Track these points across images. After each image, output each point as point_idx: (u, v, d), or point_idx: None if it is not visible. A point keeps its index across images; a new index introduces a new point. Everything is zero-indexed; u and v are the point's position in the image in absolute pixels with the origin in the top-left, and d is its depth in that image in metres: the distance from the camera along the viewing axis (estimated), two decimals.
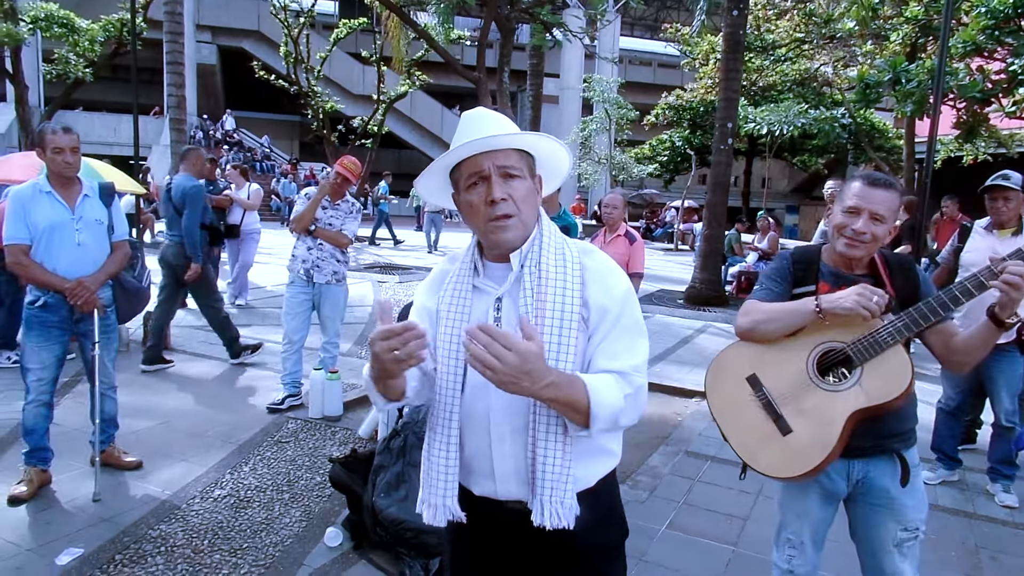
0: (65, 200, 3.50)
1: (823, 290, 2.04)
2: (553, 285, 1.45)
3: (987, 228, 3.98)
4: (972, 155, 14.42)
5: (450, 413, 1.47)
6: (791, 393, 2.01)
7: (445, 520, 1.49)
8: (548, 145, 1.54)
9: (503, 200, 1.44)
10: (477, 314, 1.50)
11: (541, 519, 1.41)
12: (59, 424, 4.09)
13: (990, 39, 9.34)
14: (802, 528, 2.19)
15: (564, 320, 1.42)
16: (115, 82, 27.58)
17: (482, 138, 1.44)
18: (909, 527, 2.04)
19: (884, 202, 1.98)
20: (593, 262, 1.52)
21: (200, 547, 3.10)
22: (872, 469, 2.05)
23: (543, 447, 1.41)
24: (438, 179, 1.59)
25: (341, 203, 4.99)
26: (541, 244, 1.50)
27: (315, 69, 19.49)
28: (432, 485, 1.49)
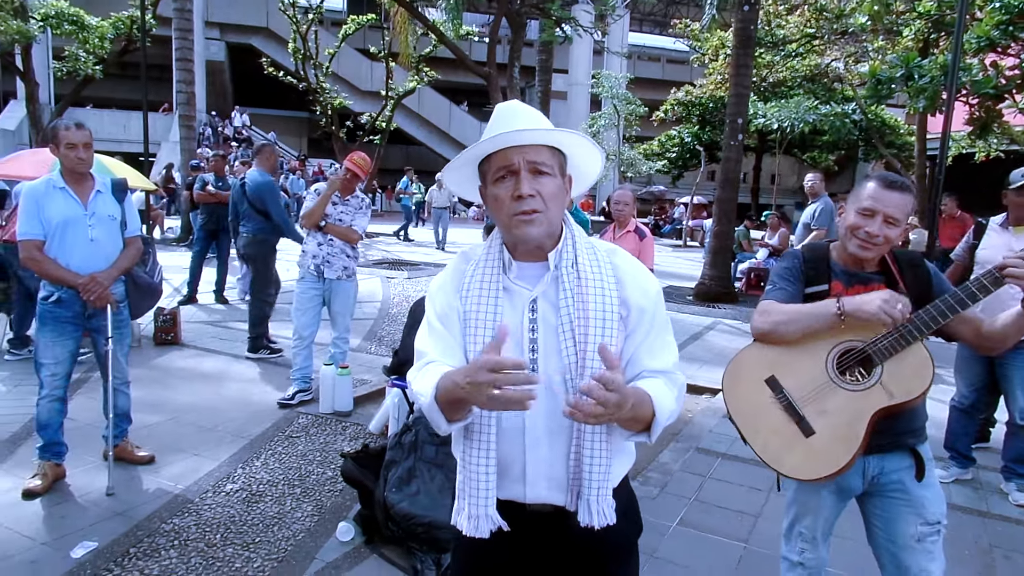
0: (78, 196, 3.52)
1: (836, 288, 2.04)
2: (593, 286, 1.43)
3: (1002, 225, 3.94)
4: (984, 152, 14.32)
5: (487, 421, 1.42)
6: (812, 394, 1.99)
7: (488, 531, 1.44)
8: (581, 145, 1.50)
9: (530, 196, 1.40)
10: (509, 316, 1.45)
11: (589, 519, 1.41)
12: (72, 419, 4.11)
13: (1004, 34, 9.24)
14: (816, 523, 2.19)
15: (606, 322, 1.41)
16: (124, 79, 27.66)
17: (512, 131, 1.41)
18: (930, 520, 2.03)
19: (899, 205, 1.97)
20: (622, 261, 1.51)
21: (213, 541, 3.12)
22: (887, 464, 2.05)
23: (589, 450, 1.41)
24: (466, 171, 1.55)
25: (351, 199, 4.99)
26: (575, 244, 1.48)
27: (323, 65, 19.51)
28: (472, 496, 1.44)
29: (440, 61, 21.00)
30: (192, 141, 14.77)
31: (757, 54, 15.60)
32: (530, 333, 1.44)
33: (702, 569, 3.07)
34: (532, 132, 1.42)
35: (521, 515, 1.47)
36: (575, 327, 1.40)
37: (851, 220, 2.03)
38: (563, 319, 1.41)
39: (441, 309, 1.51)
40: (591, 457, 1.41)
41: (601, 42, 19.83)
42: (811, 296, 2.06)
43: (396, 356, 4.35)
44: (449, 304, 1.50)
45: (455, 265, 1.58)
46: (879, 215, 1.96)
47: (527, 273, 1.48)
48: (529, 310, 1.45)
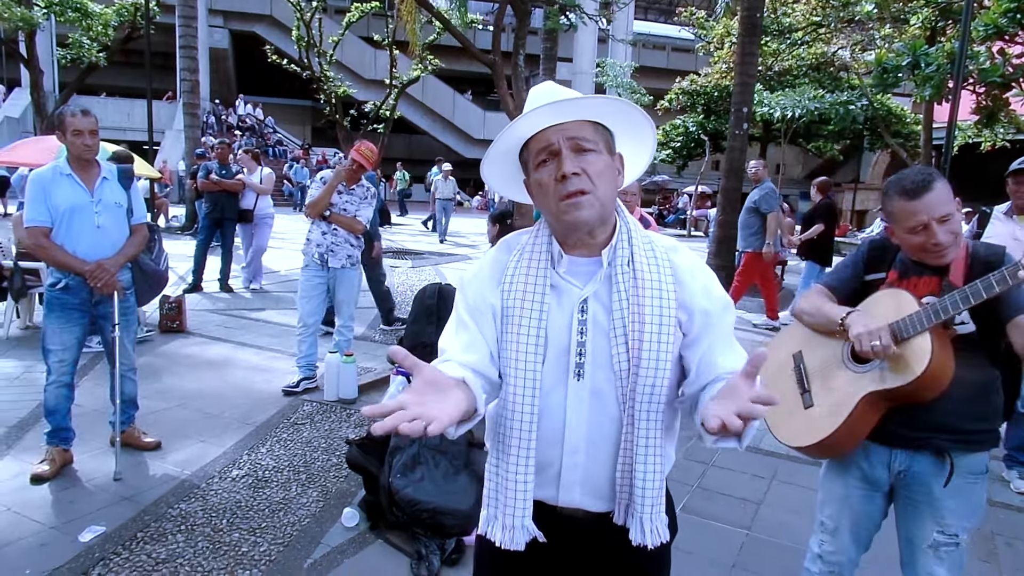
0: (84, 183, 3.53)
1: (891, 277, 2.02)
2: (650, 287, 1.31)
3: (1007, 213, 3.93)
4: (991, 141, 14.22)
5: (529, 426, 1.32)
6: (823, 371, 2.08)
7: (524, 543, 1.34)
8: (628, 115, 1.35)
9: (575, 175, 1.27)
10: (556, 316, 1.33)
11: (642, 538, 1.33)
12: (80, 405, 4.14)
13: (1012, 22, 9.16)
14: (840, 514, 2.12)
15: (663, 328, 1.30)
16: (128, 67, 27.66)
17: (546, 104, 1.28)
18: (947, 531, 1.95)
19: (936, 202, 1.87)
20: (683, 260, 1.39)
21: (219, 526, 3.15)
22: (915, 463, 1.97)
23: (643, 464, 1.31)
24: (505, 164, 1.43)
25: (356, 188, 5.00)
26: (631, 240, 1.35)
27: (327, 53, 19.44)
28: (506, 504, 1.34)
29: (444, 49, 20.89)
30: (196, 129, 14.77)
31: (763, 42, 15.50)
32: (578, 336, 1.32)
33: (704, 555, 3.10)
34: (568, 103, 1.29)
35: (551, 517, 1.38)
36: (629, 332, 1.29)
37: (908, 241, 1.93)
38: (616, 323, 1.30)
39: (473, 301, 1.40)
40: (644, 472, 1.31)
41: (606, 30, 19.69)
42: (869, 283, 2.07)
43: (401, 344, 4.37)
44: (483, 297, 1.38)
45: (494, 256, 1.44)
46: (932, 223, 1.87)
47: (578, 269, 1.35)
48: (579, 311, 1.32)
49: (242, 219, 8.58)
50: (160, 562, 2.85)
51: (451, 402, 1.13)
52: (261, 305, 8.02)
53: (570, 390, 1.32)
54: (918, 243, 1.91)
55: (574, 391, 1.32)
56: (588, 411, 1.32)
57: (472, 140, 32.56)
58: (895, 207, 1.94)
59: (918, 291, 1.94)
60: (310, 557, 2.96)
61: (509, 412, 1.33)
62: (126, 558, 2.87)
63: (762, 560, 3.09)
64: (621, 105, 1.34)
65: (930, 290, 1.95)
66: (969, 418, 1.92)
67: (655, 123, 1.43)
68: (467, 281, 1.44)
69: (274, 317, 7.43)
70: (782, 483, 3.87)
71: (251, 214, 8.60)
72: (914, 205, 1.88)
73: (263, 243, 8.89)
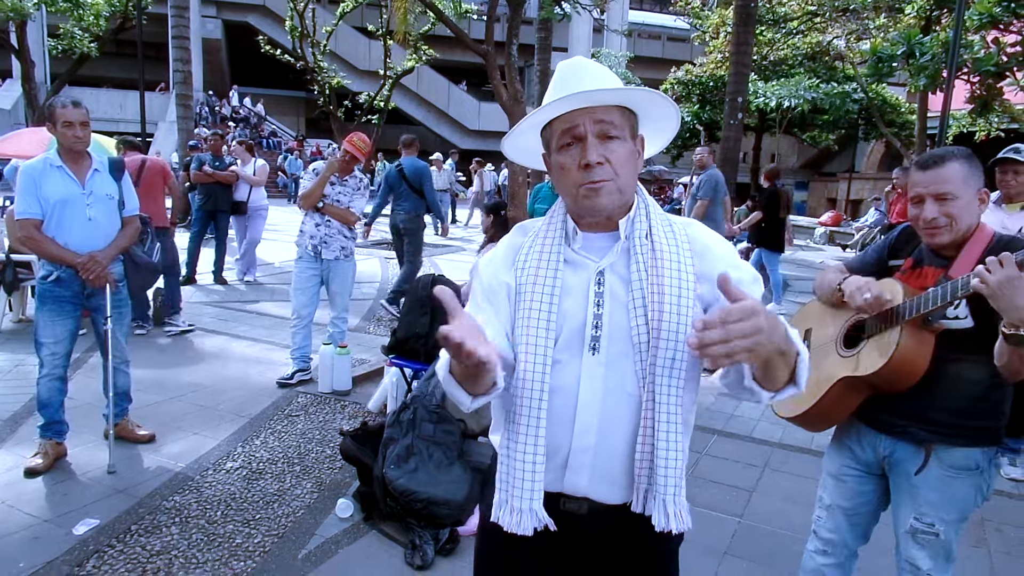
0: (76, 175, 3.51)
1: (906, 265, 2.03)
2: (669, 259, 1.29)
3: (996, 203, 3.94)
4: (985, 131, 14.24)
5: (538, 405, 1.28)
6: (819, 349, 2.13)
7: (532, 528, 1.29)
8: (654, 101, 1.33)
9: (599, 164, 1.26)
10: (572, 289, 1.31)
11: (666, 523, 1.28)
12: (73, 398, 4.13)
13: (1006, 11, 9.18)
14: (835, 491, 2.16)
15: (682, 299, 1.27)
16: (120, 58, 27.48)
17: (577, 92, 1.25)
18: (923, 520, 1.96)
19: (941, 179, 1.84)
20: (699, 233, 1.37)
21: (214, 518, 3.16)
22: (898, 450, 2.00)
23: (665, 443, 1.27)
24: (528, 138, 1.42)
25: (349, 179, 4.99)
26: (648, 215, 1.34)
27: (321, 44, 19.37)
28: (515, 487, 1.31)
29: (439, 40, 20.81)
30: (189, 121, 14.70)
31: (758, 32, 15.47)
32: (595, 308, 1.29)
33: (697, 543, 3.11)
34: (599, 92, 1.26)
35: (554, 511, 1.33)
36: (648, 304, 1.26)
37: (911, 214, 1.94)
38: (635, 294, 1.27)
39: (488, 283, 1.38)
40: (667, 451, 1.26)
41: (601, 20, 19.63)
42: (891, 268, 2.08)
43: (395, 335, 4.37)
44: (497, 278, 1.37)
45: (509, 239, 1.44)
46: (928, 198, 1.86)
47: (594, 244, 1.34)
48: (595, 283, 1.30)
49: (236, 211, 8.53)
50: (154, 554, 2.86)
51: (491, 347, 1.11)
52: (255, 297, 8.01)
53: (584, 364, 1.28)
54: (913, 216, 1.93)
55: (589, 365, 1.28)
56: (603, 387, 1.28)
57: (468, 131, 32.48)
58: (909, 178, 1.98)
59: (923, 281, 1.93)
60: (304, 548, 2.97)
61: (519, 390, 1.29)
62: (120, 551, 2.87)
63: (754, 547, 3.11)
64: (648, 94, 1.31)
65: (931, 281, 1.92)
66: (954, 412, 1.88)
67: None
68: (483, 265, 1.43)
69: (268, 309, 7.42)
70: (774, 471, 3.89)
71: (245, 206, 8.56)
72: (918, 176, 1.90)
73: (257, 235, 8.86)
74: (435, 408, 3.35)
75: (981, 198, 1.88)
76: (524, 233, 1.42)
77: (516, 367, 1.31)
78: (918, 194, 1.89)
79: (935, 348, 1.86)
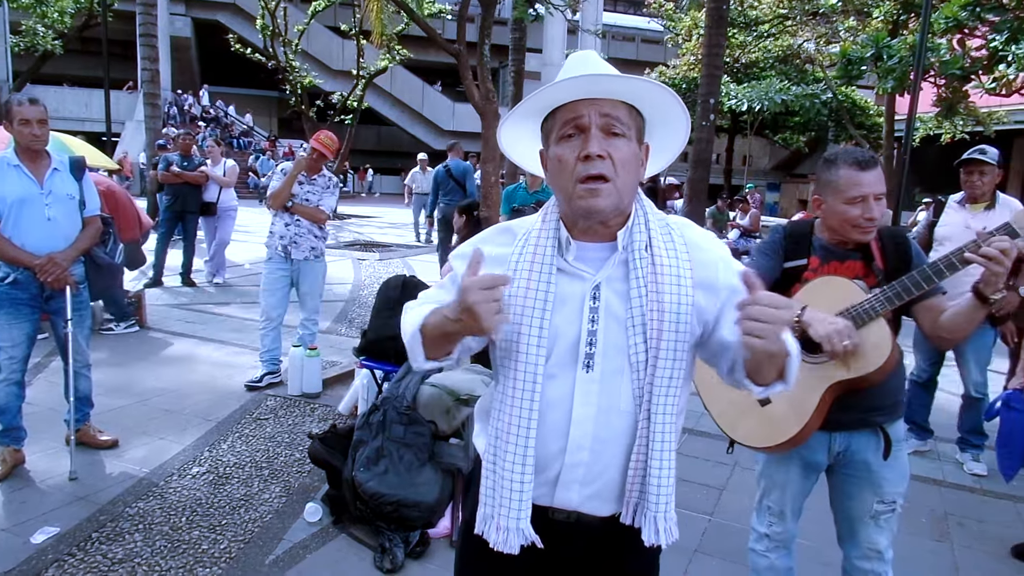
0: (34, 174, 3.42)
1: (813, 264, 2.04)
2: (669, 274, 1.24)
3: (960, 203, 4.01)
4: (950, 133, 14.55)
5: (528, 422, 1.24)
6: None
7: (519, 546, 1.26)
8: (668, 106, 1.27)
9: (599, 158, 1.19)
10: (565, 302, 1.25)
11: (656, 538, 1.28)
12: (33, 404, 4.04)
13: (972, 16, 9.38)
14: (783, 498, 2.20)
15: (681, 315, 1.23)
16: (86, 55, 26.91)
17: (585, 75, 1.19)
18: (886, 500, 2.05)
19: (880, 180, 1.94)
20: (697, 237, 1.32)
21: (178, 524, 3.09)
22: (854, 442, 2.05)
23: (658, 461, 1.25)
24: (527, 126, 1.34)
25: (318, 178, 4.93)
26: (647, 222, 1.28)
27: (293, 43, 19.15)
28: (502, 505, 1.27)
29: (413, 40, 20.71)
30: (157, 120, 14.42)
31: (730, 34, 15.64)
32: (589, 324, 1.24)
33: None
34: (610, 79, 1.20)
35: (543, 522, 1.30)
36: (648, 321, 1.22)
37: (842, 212, 1.95)
38: (634, 312, 1.23)
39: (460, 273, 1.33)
40: (660, 468, 1.25)
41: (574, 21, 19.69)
42: (789, 270, 2.06)
43: (365, 337, 4.32)
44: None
45: (491, 236, 1.36)
46: (869, 197, 1.92)
47: (588, 255, 1.27)
48: (591, 298, 1.24)
49: (205, 212, 8.40)
50: (117, 562, 2.79)
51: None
52: (224, 299, 7.89)
53: (578, 382, 1.25)
54: (852, 216, 1.94)
55: (582, 383, 1.25)
56: (596, 403, 1.24)
57: (442, 131, 32.35)
58: (841, 175, 1.95)
59: (849, 273, 1.99)
60: (272, 553, 2.92)
61: (508, 406, 1.25)
62: (81, 559, 2.80)
63: (724, 544, 3.13)
64: (666, 95, 1.25)
65: (855, 273, 2.00)
66: (892, 392, 2.03)
67: None
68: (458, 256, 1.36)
69: (237, 312, 7.31)
70: (744, 469, 3.92)
71: (214, 207, 8.43)
72: (862, 176, 1.92)
73: (226, 236, 8.72)
74: (405, 410, 3.32)
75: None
76: (512, 236, 1.34)
77: (503, 381, 1.28)
78: (863, 194, 1.92)
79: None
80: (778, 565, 2.26)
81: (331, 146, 4.91)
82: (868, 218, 1.93)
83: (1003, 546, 3.23)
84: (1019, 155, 18.04)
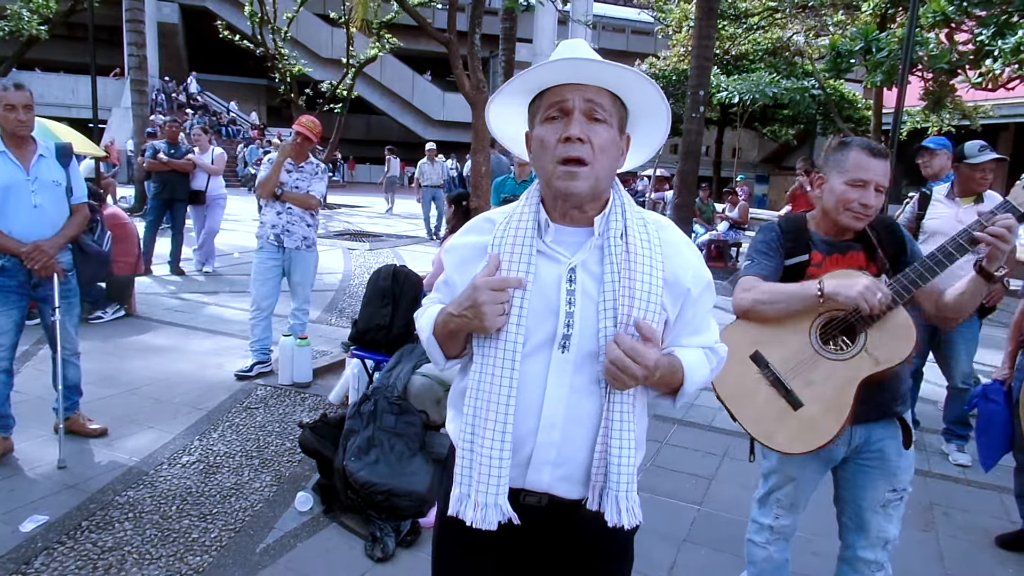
0: (19, 160, 3.38)
1: (815, 260, 2.03)
2: (642, 262, 1.28)
3: (948, 195, 4.04)
4: (937, 127, 14.64)
5: (506, 400, 1.26)
6: (798, 367, 1.98)
7: (496, 522, 1.28)
8: (651, 100, 1.31)
9: (580, 141, 1.23)
10: (543, 284, 1.28)
11: (618, 518, 1.29)
12: (21, 392, 4.01)
13: (959, 10, 9.42)
14: (796, 492, 2.20)
15: (650, 303, 1.27)
16: (72, 41, 26.52)
17: (574, 58, 1.23)
18: (898, 488, 2.07)
19: (886, 172, 1.96)
20: (672, 236, 1.37)
21: (168, 513, 3.08)
22: (873, 434, 2.05)
23: (618, 440, 1.28)
24: (514, 109, 1.38)
25: (305, 165, 4.90)
26: (624, 213, 1.32)
27: (282, 30, 18.95)
28: (479, 481, 1.28)
29: (403, 28, 20.54)
30: (144, 107, 14.29)
31: (720, 26, 15.64)
32: (567, 307, 1.27)
33: (656, 531, 3.15)
34: (598, 64, 1.23)
35: (516, 501, 1.32)
36: (619, 304, 1.25)
37: (841, 192, 1.96)
38: (606, 294, 1.26)
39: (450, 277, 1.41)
40: (619, 449, 1.28)
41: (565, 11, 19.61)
42: (792, 267, 2.05)
43: (355, 326, 4.32)
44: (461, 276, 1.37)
45: (475, 238, 1.39)
46: (871, 185, 1.93)
47: (565, 239, 1.31)
48: (567, 280, 1.28)
49: (194, 200, 8.33)
50: (106, 551, 2.78)
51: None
52: (213, 288, 7.84)
53: (553, 362, 1.27)
54: (850, 198, 1.95)
55: (557, 364, 1.27)
56: (570, 384, 1.27)
57: (432, 121, 32.23)
58: (851, 156, 1.96)
59: (852, 264, 2.00)
60: (263, 542, 2.92)
61: (488, 383, 1.27)
62: (71, 547, 2.79)
63: (712, 534, 3.16)
64: (649, 87, 1.29)
65: (858, 264, 2.01)
66: (905, 380, 2.06)
67: None
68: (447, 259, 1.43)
69: (227, 300, 7.28)
70: (733, 459, 3.96)
71: (203, 195, 8.36)
72: (871, 162, 1.94)
73: (215, 225, 8.66)
74: (396, 399, 3.32)
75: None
76: (492, 224, 1.37)
77: (482, 360, 1.29)
78: (865, 180, 1.93)
79: None
80: (776, 557, 2.27)
81: (314, 129, 4.86)
82: (864, 204, 1.94)
83: (987, 536, 3.28)
84: (1003, 149, 18.21)
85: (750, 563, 2.33)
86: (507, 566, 1.43)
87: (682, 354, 1.34)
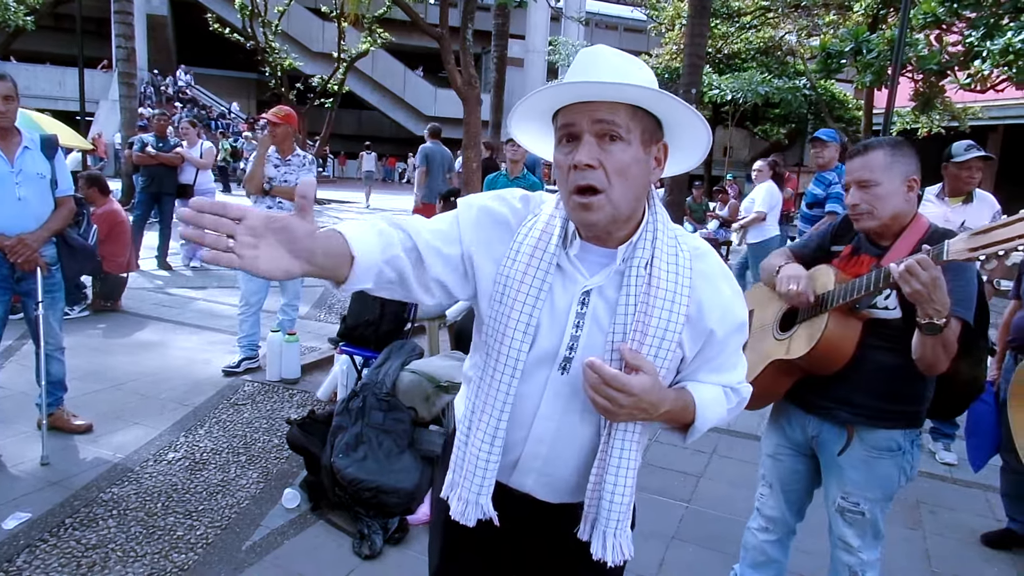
0: (3, 152, 3.32)
1: (844, 252, 2.07)
2: (663, 298, 1.19)
3: (938, 196, 4.07)
4: (927, 127, 14.74)
5: (503, 406, 1.24)
6: (759, 332, 2.17)
7: (475, 519, 1.28)
8: (671, 106, 1.17)
9: (588, 167, 1.12)
10: (555, 300, 1.22)
11: (603, 554, 1.26)
12: (4, 387, 3.96)
13: (949, 12, 9.48)
14: (771, 469, 2.27)
15: (664, 342, 1.20)
16: (59, 32, 26.29)
17: (572, 83, 1.13)
18: (849, 499, 2.04)
19: (863, 167, 1.92)
20: (709, 268, 1.26)
21: (154, 510, 3.05)
22: (824, 431, 2.08)
23: (613, 477, 1.24)
24: (537, 122, 1.28)
25: (292, 158, 4.85)
26: (655, 240, 1.22)
27: (272, 24, 18.81)
28: (466, 477, 1.29)
29: (394, 23, 20.49)
30: (133, 100, 14.13)
31: (712, 25, 15.67)
32: (573, 329, 1.21)
33: (644, 528, 3.14)
34: (599, 85, 1.12)
35: (503, 494, 1.31)
36: (629, 339, 1.19)
37: (846, 200, 2.02)
38: (617, 326, 1.20)
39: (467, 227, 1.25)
40: (614, 486, 1.24)
41: (557, 8, 19.60)
42: (832, 253, 2.12)
43: (344, 322, 4.29)
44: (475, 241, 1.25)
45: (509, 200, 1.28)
46: (852, 184, 1.95)
47: (589, 256, 1.23)
48: (579, 302, 1.21)
49: (182, 194, 8.26)
50: (90, 548, 2.75)
51: (285, 254, 0.99)
52: (201, 283, 7.79)
53: (550, 382, 1.24)
54: (847, 201, 2.01)
55: (554, 384, 1.24)
56: (563, 408, 1.25)
57: (423, 117, 32.06)
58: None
59: (858, 268, 1.98)
60: (249, 539, 2.89)
61: (488, 385, 1.25)
62: (54, 544, 2.76)
63: (700, 531, 3.17)
64: (672, 102, 1.16)
65: (865, 269, 1.98)
66: (877, 396, 1.95)
67: None
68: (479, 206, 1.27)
69: (215, 296, 7.23)
70: (722, 457, 3.96)
71: (191, 189, 8.29)
72: (848, 163, 1.98)
73: None
74: (385, 396, 3.30)
75: (910, 186, 1.91)
76: (526, 210, 1.28)
77: (488, 359, 1.27)
78: (846, 181, 1.99)
79: (862, 335, 1.92)
80: (768, 551, 2.29)
81: (279, 114, 4.79)
82: (851, 204, 1.96)
83: (973, 534, 3.31)
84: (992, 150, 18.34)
85: (743, 548, 2.39)
86: (502, 557, 1.43)
87: (696, 389, 1.27)
